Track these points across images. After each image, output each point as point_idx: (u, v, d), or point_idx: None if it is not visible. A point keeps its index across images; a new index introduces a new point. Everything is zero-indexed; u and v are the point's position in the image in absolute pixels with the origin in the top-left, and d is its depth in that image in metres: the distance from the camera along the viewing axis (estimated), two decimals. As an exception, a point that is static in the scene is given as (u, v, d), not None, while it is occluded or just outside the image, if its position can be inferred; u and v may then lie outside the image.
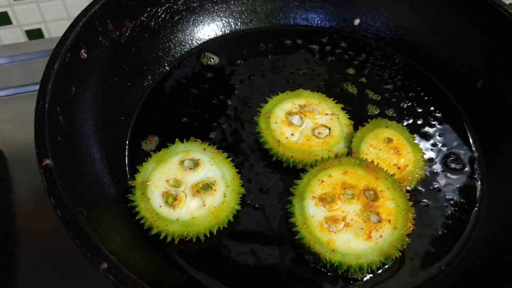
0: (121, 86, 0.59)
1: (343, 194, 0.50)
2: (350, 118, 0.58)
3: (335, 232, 0.47)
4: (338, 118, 0.58)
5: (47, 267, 0.52)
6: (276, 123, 0.57)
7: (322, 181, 0.50)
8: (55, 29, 0.84)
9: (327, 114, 0.58)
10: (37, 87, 0.69)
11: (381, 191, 0.49)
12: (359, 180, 0.50)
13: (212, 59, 0.67)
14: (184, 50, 0.67)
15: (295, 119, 0.57)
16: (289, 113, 0.58)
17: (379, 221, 0.48)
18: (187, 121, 0.60)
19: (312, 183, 0.51)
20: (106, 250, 0.37)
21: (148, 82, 0.63)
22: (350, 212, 0.48)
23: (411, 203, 0.49)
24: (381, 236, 0.47)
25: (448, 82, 0.65)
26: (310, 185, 0.50)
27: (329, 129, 0.57)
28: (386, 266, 0.48)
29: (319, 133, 0.56)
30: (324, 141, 0.55)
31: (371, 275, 0.48)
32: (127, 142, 0.57)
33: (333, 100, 0.60)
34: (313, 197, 0.50)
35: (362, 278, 0.48)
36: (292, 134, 0.56)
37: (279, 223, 0.51)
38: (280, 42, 0.70)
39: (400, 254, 0.48)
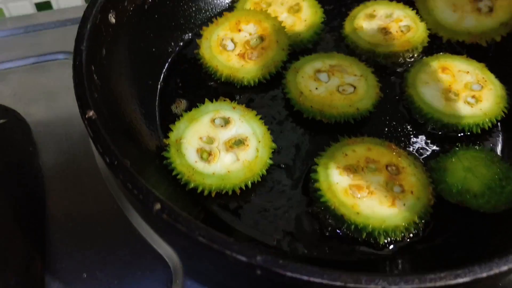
0: (147, 51, 0.60)
1: (367, 167, 0.50)
2: (378, 81, 0.59)
3: (359, 198, 0.48)
4: (366, 79, 0.58)
5: (76, 227, 0.53)
6: (302, 77, 0.58)
7: (346, 155, 0.51)
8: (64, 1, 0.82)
9: (355, 75, 0.59)
10: (53, 56, 0.70)
11: (403, 167, 0.50)
12: (382, 156, 0.51)
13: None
14: (205, 16, 0.68)
15: (323, 76, 0.58)
16: (318, 71, 0.59)
17: (402, 191, 0.49)
18: (214, 85, 0.61)
19: (336, 155, 0.51)
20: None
21: (172, 48, 0.64)
22: (374, 182, 0.49)
23: (430, 179, 0.50)
24: (404, 205, 0.48)
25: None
26: (334, 157, 0.51)
27: (354, 87, 0.58)
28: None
29: (343, 90, 0.57)
30: (347, 97, 0.57)
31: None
32: (156, 105, 0.58)
33: (365, 64, 0.61)
34: (337, 167, 0.50)
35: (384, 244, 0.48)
36: (316, 88, 0.57)
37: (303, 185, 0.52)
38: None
39: (423, 222, 0.48)
